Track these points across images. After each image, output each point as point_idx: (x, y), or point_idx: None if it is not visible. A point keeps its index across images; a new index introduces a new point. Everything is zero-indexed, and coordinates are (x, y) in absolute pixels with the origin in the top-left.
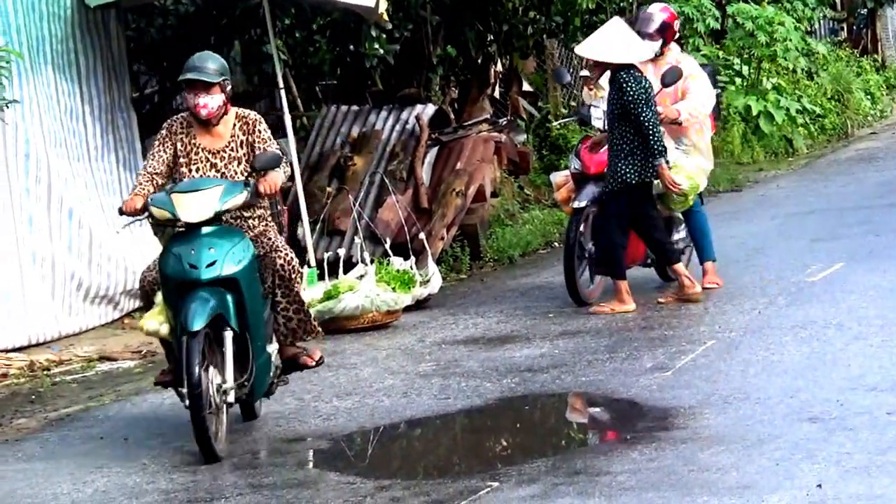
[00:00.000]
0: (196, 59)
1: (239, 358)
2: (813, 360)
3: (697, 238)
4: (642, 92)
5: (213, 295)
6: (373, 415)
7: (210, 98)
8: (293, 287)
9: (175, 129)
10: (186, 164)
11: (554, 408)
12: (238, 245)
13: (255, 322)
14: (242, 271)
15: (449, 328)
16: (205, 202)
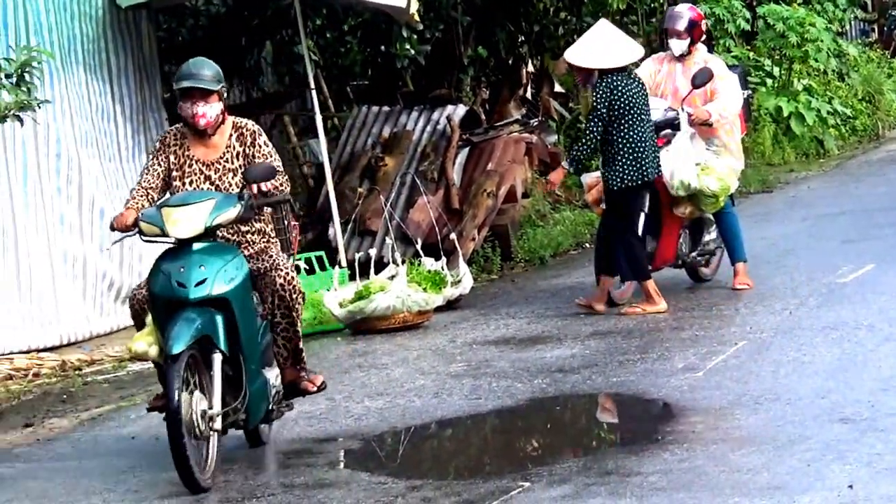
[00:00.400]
0: (192, 66)
1: (233, 382)
2: (844, 361)
3: (728, 239)
4: (602, 101)
5: (200, 315)
6: (404, 415)
7: (209, 107)
8: (294, 308)
9: (169, 141)
10: (180, 178)
11: (585, 408)
12: (231, 263)
13: (248, 344)
14: (234, 290)
15: (480, 328)
16: (195, 217)
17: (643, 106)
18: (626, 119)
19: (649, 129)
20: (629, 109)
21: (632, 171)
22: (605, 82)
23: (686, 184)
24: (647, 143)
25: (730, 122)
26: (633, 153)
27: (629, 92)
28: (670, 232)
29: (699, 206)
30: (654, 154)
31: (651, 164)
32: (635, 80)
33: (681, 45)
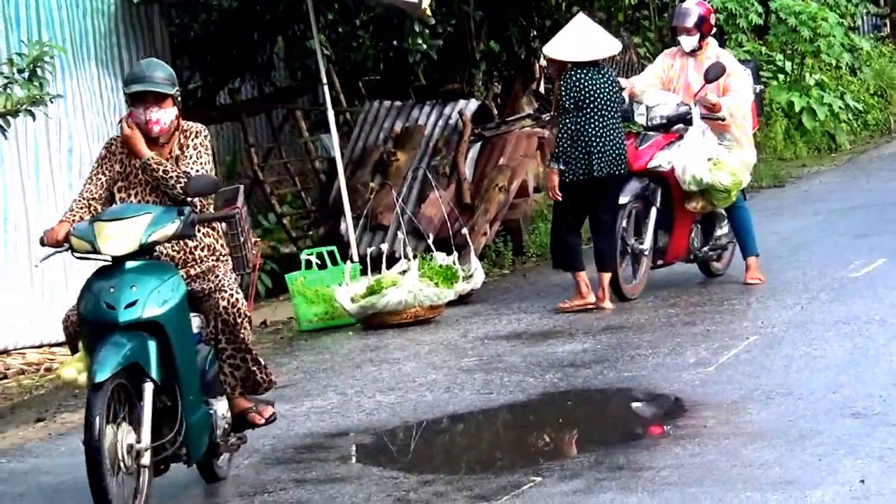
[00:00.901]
0: (144, 68)
1: (171, 413)
2: (856, 355)
3: (740, 233)
4: (567, 94)
5: (130, 340)
6: (416, 409)
7: (163, 112)
8: (238, 332)
9: (115, 148)
10: (125, 189)
11: (596, 403)
12: (166, 283)
13: (186, 372)
14: (168, 314)
15: (492, 323)
16: (129, 232)
17: (606, 102)
18: (584, 113)
19: (610, 125)
20: (588, 104)
21: (580, 164)
22: (569, 76)
23: (698, 179)
24: (603, 139)
25: (741, 117)
26: (585, 147)
27: (593, 86)
28: (682, 227)
29: (711, 200)
30: (611, 151)
31: (604, 161)
32: (605, 75)
33: (691, 41)
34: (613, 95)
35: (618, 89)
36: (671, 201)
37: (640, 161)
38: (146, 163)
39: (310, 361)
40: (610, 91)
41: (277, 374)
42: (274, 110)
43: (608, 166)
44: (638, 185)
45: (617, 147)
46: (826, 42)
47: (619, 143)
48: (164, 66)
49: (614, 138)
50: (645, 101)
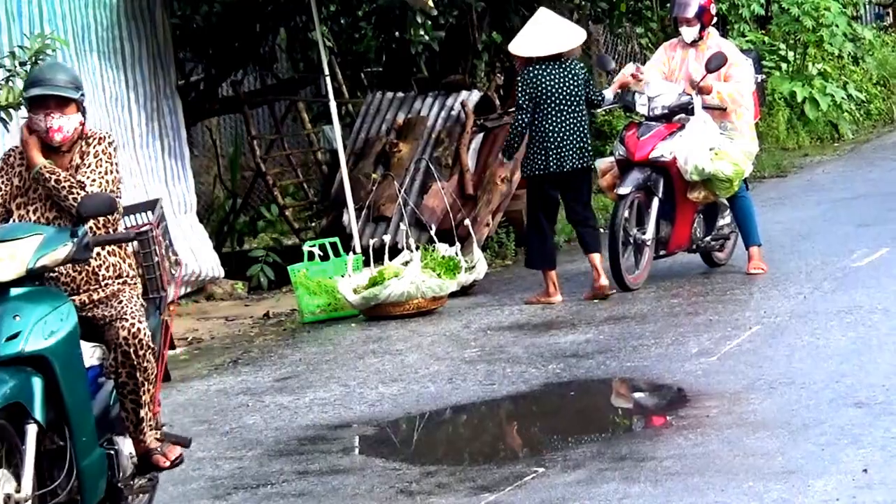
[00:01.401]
0: (45, 70)
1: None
2: (858, 344)
3: (742, 223)
4: (523, 90)
5: (12, 377)
6: (418, 401)
7: (66, 119)
8: (138, 366)
9: (13, 160)
10: (24, 205)
11: (599, 393)
12: (54, 313)
13: (77, 411)
14: (55, 347)
15: (494, 314)
16: (16, 256)
17: (567, 97)
18: (543, 108)
19: (570, 120)
20: (546, 99)
21: (538, 160)
22: (526, 71)
23: (700, 168)
24: (561, 134)
25: (742, 105)
26: (541, 143)
27: (552, 82)
28: (684, 217)
29: (713, 190)
30: (571, 146)
31: (563, 156)
32: (568, 69)
33: (691, 31)
34: (576, 90)
35: (581, 83)
36: (673, 191)
37: (641, 151)
38: (38, 172)
39: (312, 353)
40: (571, 85)
41: (280, 365)
42: (276, 102)
43: (569, 161)
44: (640, 176)
45: (578, 141)
46: (829, 31)
47: (580, 138)
48: (68, 69)
49: (575, 133)
50: (646, 91)
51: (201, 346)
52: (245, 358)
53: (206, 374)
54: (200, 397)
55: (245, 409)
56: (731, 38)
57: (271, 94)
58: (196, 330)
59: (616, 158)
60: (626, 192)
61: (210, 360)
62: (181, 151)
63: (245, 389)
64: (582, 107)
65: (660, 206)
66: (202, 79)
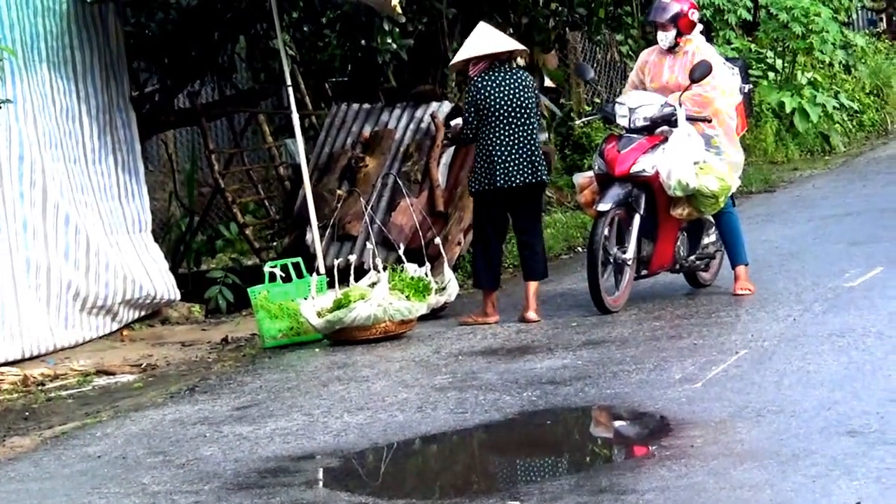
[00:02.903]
0: None
1: None
2: (851, 370)
3: (729, 241)
4: (469, 102)
5: None
6: (386, 430)
7: None
8: None
9: None
10: None
11: (577, 422)
12: None
13: None
14: None
15: (466, 338)
16: None
17: (515, 108)
18: (489, 120)
19: (519, 133)
20: (493, 112)
21: (484, 174)
22: (472, 84)
23: (684, 184)
24: (509, 147)
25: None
26: (488, 156)
27: (498, 93)
28: (667, 235)
29: (698, 207)
30: (521, 159)
31: (509, 171)
32: (515, 79)
33: (666, 37)
34: (524, 100)
35: (531, 93)
36: (655, 208)
37: (622, 166)
38: None
39: (274, 380)
40: (520, 95)
41: (240, 393)
42: (236, 114)
43: (517, 176)
44: (620, 191)
45: (527, 155)
46: (819, 38)
47: (529, 151)
48: None
49: (524, 146)
50: (627, 101)
51: (156, 373)
52: (202, 385)
53: (161, 403)
54: (155, 427)
55: (202, 440)
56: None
57: (230, 106)
58: (150, 356)
59: (595, 173)
60: (605, 209)
61: (165, 388)
62: (135, 166)
63: (202, 419)
64: (532, 118)
65: (641, 223)
66: (157, 90)
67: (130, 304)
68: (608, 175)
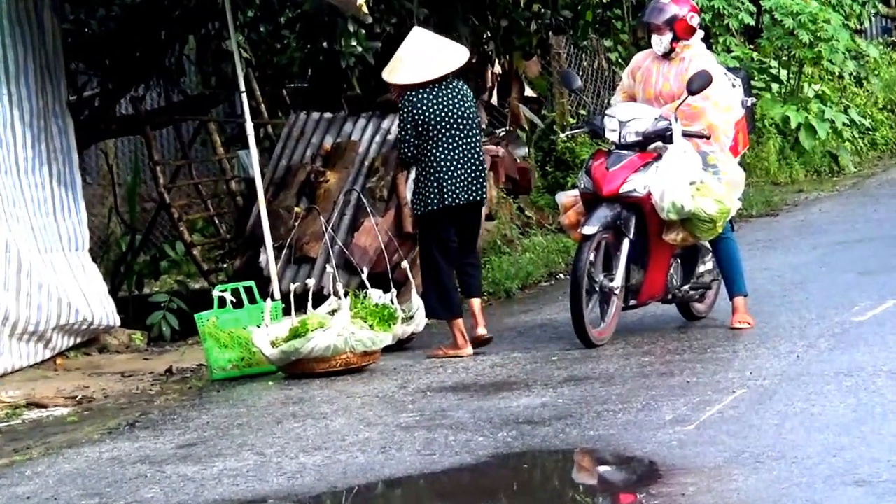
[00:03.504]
0: None
1: None
2: (860, 413)
3: (726, 269)
4: (404, 119)
5: None
6: (345, 473)
7: None
8: None
9: None
10: None
11: (557, 467)
12: None
13: None
14: None
15: (435, 373)
16: None
17: (456, 121)
18: (431, 137)
19: (462, 147)
20: (433, 127)
21: (431, 194)
22: (407, 99)
23: (678, 206)
24: (455, 163)
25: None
26: (433, 174)
27: (437, 107)
28: (659, 262)
29: (693, 232)
30: (465, 176)
31: (456, 188)
32: (454, 91)
33: (661, 41)
34: (466, 112)
35: (472, 104)
36: (647, 232)
37: (610, 185)
38: None
39: (222, 416)
40: (461, 108)
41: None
42: (183, 122)
43: (463, 193)
44: (608, 213)
45: (472, 171)
46: (828, 47)
47: (474, 166)
48: None
49: (469, 161)
50: (616, 114)
51: (92, 406)
52: (143, 421)
53: (97, 440)
54: (91, 466)
55: (143, 481)
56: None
57: (178, 113)
58: (87, 387)
59: (580, 192)
60: (591, 232)
61: (103, 423)
62: (72, 178)
63: (143, 457)
64: (475, 131)
65: (630, 248)
66: (97, 94)
67: (65, 329)
68: (595, 195)
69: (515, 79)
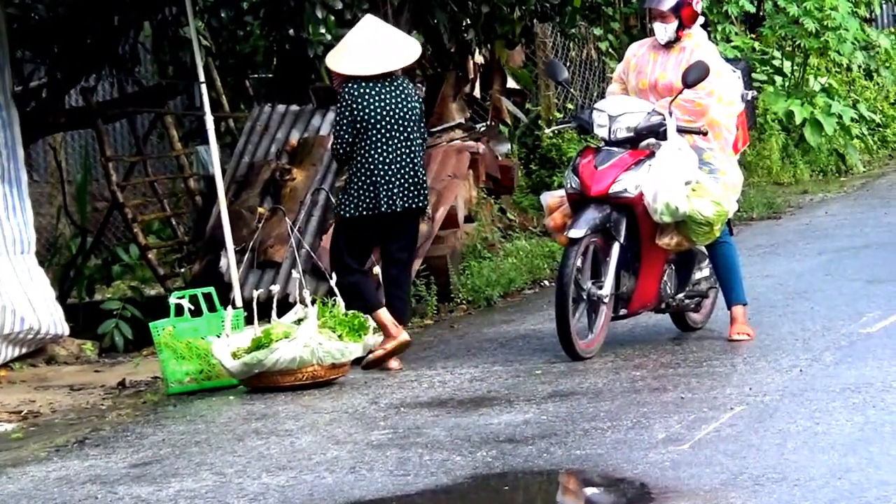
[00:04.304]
0: None
1: None
2: (867, 431)
3: (724, 276)
4: (342, 112)
5: None
6: (312, 495)
7: None
8: None
9: None
10: None
11: (540, 489)
12: None
13: None
14: None
15: (409, 387)
16: None
17: (399, 121)
18: (369, 135)
19: (402, 149)
20: (373, 125)
21: (365, 198)
22: (347, 91)
23: (672, 207)
24: (394, 166)
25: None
26: (369, 177)
27: (379, 103)
28: (652, 268)
29: (689, 235)
30: (403, 181)
31: (393, 194)
32: (398, 88)
33: (666, 29)
34: (409, 113)
35: (416, 105)
36: (638, 236)
37: (600, 184)
38: None
39: (179, 432)
40: (404, 108)
41: (138, 447)
42: (138, 115)
43: (401, 199)
44: (597, 215)
45: (411, 176)
46: (835, 37)
47: (413, 171)
48: None
49: (408, 165)
50: (606, 108)
51: (39, 421)
52: (94, 437)
53: (44, 458)
54: (37, 486)
55: (93, 503)
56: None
57: (132, 105)
58: (33, 401)
59: (567, 192)
60: (579, 236)
61: (50, 440)
62: (17, 176)
63: (94, 477)
64: (417, 133)
65: (621, 253)
66: (45, 84)
67: (10, 339)
68: (583, 195)
69: (497, 69)
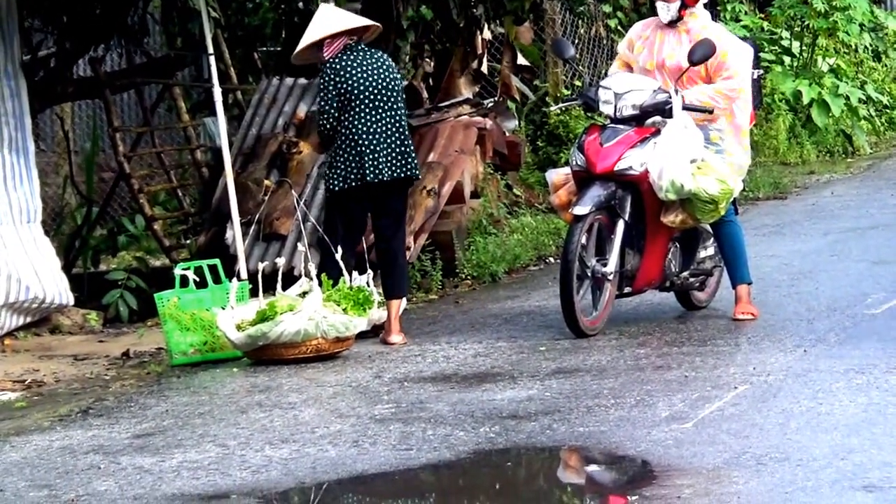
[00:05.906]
0: None
1: None
2: (871, 413)
3: (729, 256)
4: (326, 87)
5: None
6: (314, 468)
7: None
8: None
9: None
10: None
11: (543, 465)
12: None
13: None
14: None
15: (413, 361)
16: None
17: (381, 91)
18: (353, 106)
19: (386, 119)
20: (357, 95)
21: (351, 168)
22: (329, 66)
23: (677, 185)
24: (378, 136)
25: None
26: (354, 147)
27: (361, 73)
28: (656, 246)
29: (694, 214)
30: (388, 150)
31: (378, 163)
32: (378, 59)
33: (668, 8)
34: (391, 83)
35: (397, 76)
36: (643, 213)
37: (605, 162)
38: None
39: (183, 404)
40: (386, 78)
41: (142, 418)
42: (146, 86)
43: (387, 169)
44: (602, 192)
45: (397, 145)
46: (844, 17)
47: (399, 141)
48: None
49: (393, 134)
50: (612, 85)
51: (43, 391)
52: (98, 407)
53: (47, 427)
54: (40, 455)
55: (96, 472)
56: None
57: (140, 76)
58: (37, 370)
59: (572, 169)
60: (583, 213)
61: (53, 409)
62: (24, 145)
63: (96, 447)
64: (400, 104)
65: (626, 231)
66: (53, 54)
67: (14, 308)
68: (588, 172)
69: (506, 45)
